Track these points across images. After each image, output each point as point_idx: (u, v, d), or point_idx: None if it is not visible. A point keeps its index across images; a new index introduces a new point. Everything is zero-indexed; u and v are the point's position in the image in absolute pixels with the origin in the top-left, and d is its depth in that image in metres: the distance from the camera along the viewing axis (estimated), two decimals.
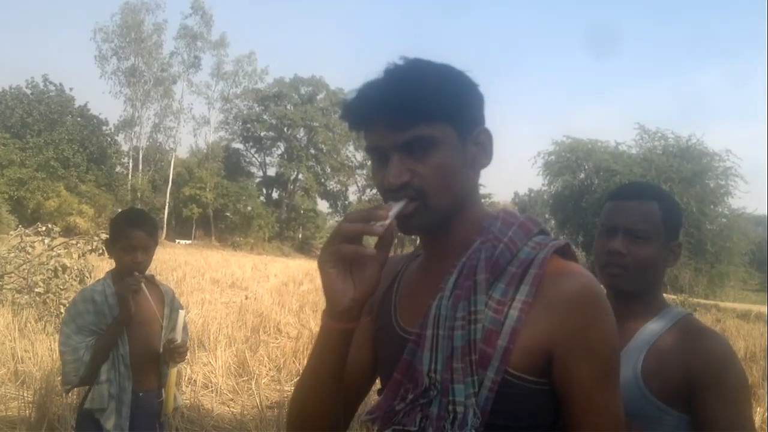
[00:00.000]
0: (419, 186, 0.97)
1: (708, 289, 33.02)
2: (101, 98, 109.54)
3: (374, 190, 48.59)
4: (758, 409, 5.96)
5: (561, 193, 37.14)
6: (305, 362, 4.69)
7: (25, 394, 4.93)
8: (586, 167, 36.64)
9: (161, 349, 2.68)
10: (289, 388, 6.03)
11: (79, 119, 45.67)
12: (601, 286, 1.00)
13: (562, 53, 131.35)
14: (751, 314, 18.39)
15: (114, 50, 49.25)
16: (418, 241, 1.17)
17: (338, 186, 60.59)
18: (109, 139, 48.61)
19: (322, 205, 60.36)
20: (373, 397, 1.10)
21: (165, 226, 47.08)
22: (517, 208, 61.83)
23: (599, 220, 1.57)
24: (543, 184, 40.08)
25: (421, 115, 0.96)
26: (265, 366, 6.83)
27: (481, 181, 1.08)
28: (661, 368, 1.38)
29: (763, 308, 20.69)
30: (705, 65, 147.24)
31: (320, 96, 57.61)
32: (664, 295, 1.58)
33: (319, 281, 1.16)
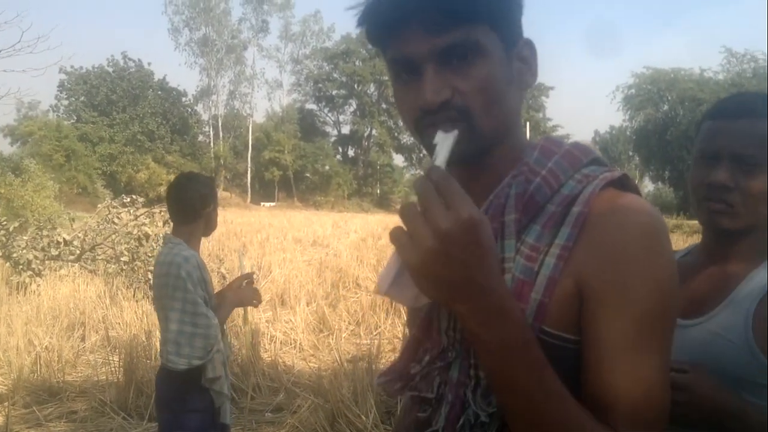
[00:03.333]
0: (462, 105, 0.78)
1: None
2: (178, 70, 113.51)
3: None
4: None
5: (644, 128, 35.41)
6: (383, 316, 4.66)
7: (115, 359, 5.19)
8: (670, 98, 34.66)
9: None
10: (367, 341, 6.05)
11: (159, 92, 47.64)
12: (664, 221, 0.78)
13: None
14: None
15: (185, 21, 50.77)
16: None
17: (412, 139, 60.02)
18: (189, 110, 50.57)
19: (398, 159, 60.41)
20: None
21: (249, 189, 48.68)
22: (597, 148, 59.28)
23: (696, 143, 1.27)
24: (624, 120, 38.33)
25: (464, 14, 0.76)
26: (345, 321, 6.88)
27: (559, 120, 0.89)
28: None
29: None
30: None
31: None
32: None
33: None
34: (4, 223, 8.78)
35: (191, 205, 2.63)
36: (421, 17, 0.77)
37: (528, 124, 44.11)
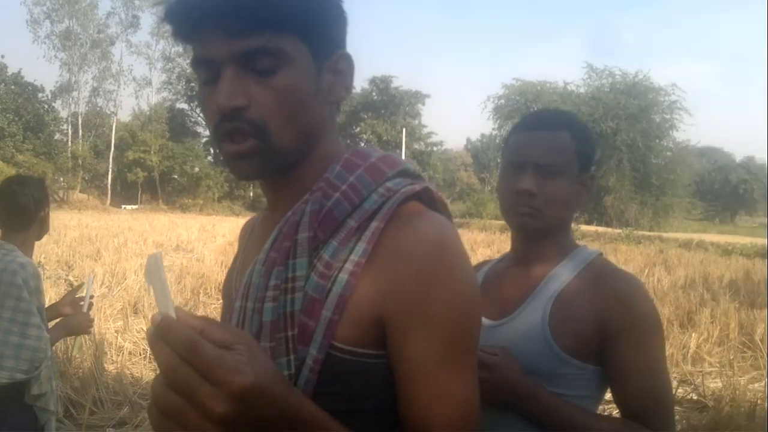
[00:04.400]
0: (258, 117, 0.75)
1: (653, 221, 34.19)
2: (35, 64, 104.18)
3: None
4: (693, 335, 6.10)
5: None
6: None
7: None
8: (535, 109, 36.81)
9: None
10: None
11: (12, 87, 43.50)
12: (456, 235, 0.79)
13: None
14: (693, 243, 18.91)
15: (46, 13, 46.68)
16: None
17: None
18: (46, 106, 46.51)
19: None
20: None
21: (109, 191, 45.81)
22: (469, 155, 62.45)
23: (504, 155, 1.39)
24: (493, 129, 40.46)
25: (268, 19, 0.74)
26: None
27: (433, 128, 0.86)
28: (571, 318, 1.23)
29: (704, 236, 21.37)
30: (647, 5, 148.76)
31: None
32: (611, 229, 1.38)
33: None
34: None
35: (26, 211, 2.44)
36: (222, 19, 0.74)
37: (404, 130, 45.26)
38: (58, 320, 2.58)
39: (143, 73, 75.36)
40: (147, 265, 0.61)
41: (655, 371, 1.20)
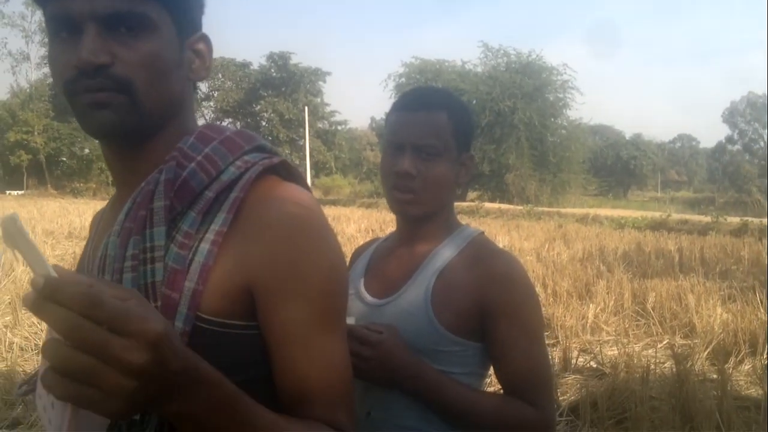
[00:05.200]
0: (124, 75, 0.75)
1: (552, 197, 35.86)
2: None
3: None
4: (591, 306, 6.44)
5: None
6: None
7: None
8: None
9: None
10: None
11: None
12: (318, 206, 0.83)
13: None
14: (589, 217, 20.01)
15: None
16: None
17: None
18: None
19: None
20: None
21: None
22: (375, 134, 62.66)
23: (384, 135, 1.38)
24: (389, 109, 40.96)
25: None
26: None
27: (336, 107, 0.84)
28: (451, 295, 1.25)
29: (599, 211, 22.64)
30: None
31: None
32: (513, 206, 1.38)
33: None
34: None
35: None
36: None
37: (306, 108, 44.67)
38: None
39: (19, 47, 69.75)
40: (4, 231, 0.54)
41: (534, 348, 1.24)
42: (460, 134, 1.32)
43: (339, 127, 53.70)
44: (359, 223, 15.80)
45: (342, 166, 56.13)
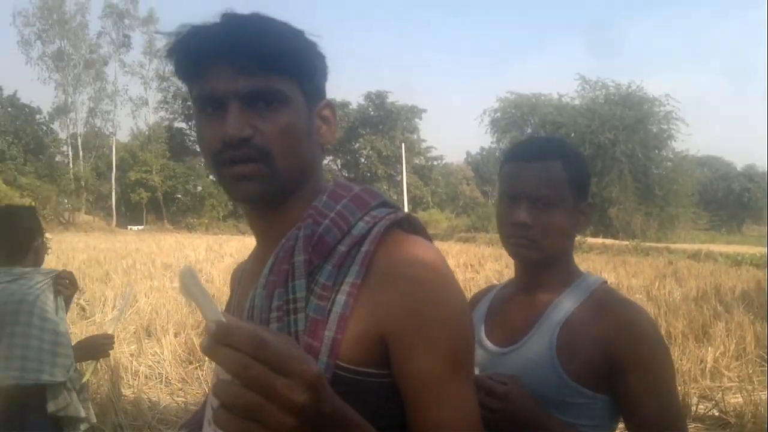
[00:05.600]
0: (263, 145, 0.83)
1: (659, 232, 34.05)
2: (30, 85, 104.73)
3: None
4: (710, 349, 6.06)
5: None
6: None
7: None
8: (532, 122, 37.40)
9: None
10: None
11: (9, 109, 43.86)
12: (442, 256, 0.86)
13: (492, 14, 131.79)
14: (701, 253, 18.83)
15: (37, 34, 47.21)
16: None
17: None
18: (44, 128, 46.92)
19: None
20: None
21: (114, 212, 45.89)
22: (470, 168, 62.51)
23: (498, 184, 1.39)
24: (492, 142, 40.67)
25: (273, 63, 0.82)
26: None
27: (432, 142, 0.95)
28: (577, 346, 1.23)
29: (712, 247, 21.25)
30: (639, 15, 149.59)
31: None
32: (618, 241, 1.38)
33: None
34: None
35: (17, 242, 2.41)
36: (231, 58, 0.81)
37: (403, 145, 45.38)
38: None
39: (139, 93, 75.72)
40: (181, 280, 0.61)
41: (666, 398, 1.20)
42: (576, 183, 1.31)
43: (435, 162, 54.16)
44: (457, 258, 15.69)
45: (439, 200, 56.21)
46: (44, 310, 2.28)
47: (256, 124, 0.82)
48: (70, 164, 47.60)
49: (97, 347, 2.51)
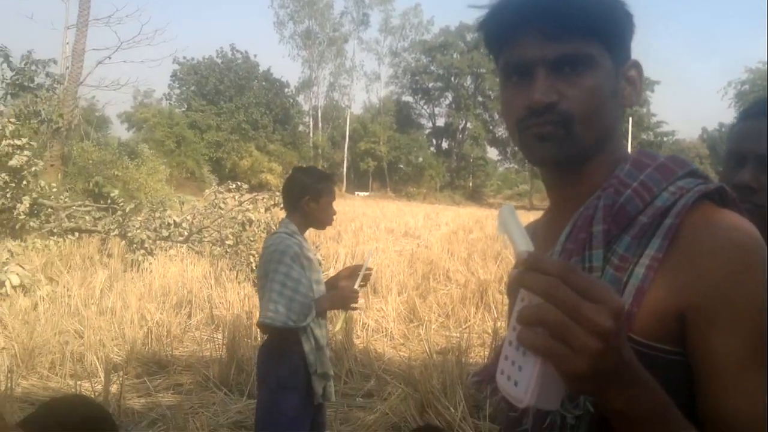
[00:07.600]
0: (566, 110, 0.81)
1: None
2: (282, 62, 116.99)
3: None
4: None
5: None
6: (473, 310, 4.58)
7: (218, 337, 5.50)
8: None
9: None
10: (456, 334, 6.07)
11: (264, 83, 49.60)
12: (759, 234, 0.77)
13: None
14: None
15: (290, 15, 52.69)
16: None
17: (507, 132, 58.75)
18: (291, 101, 52.27)
19: (492, 153, 59.47)
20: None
21: (344, 179, 49.65)
22: (705, 145, 55.89)
23: (726, 146, 1.26)
24: (734, 117, 36.26)
25: (581, 27, 0.81)
26: (434, 312, 6.93)
27: (663, 116, 0.93)
28: None
29: None
30: None
31: None
32: None
33: (488, 229, 0.94)
34: (121, 204, 9.47)
35: (289, 196, 2.75)
36: (540, 25, 0.81)
37: (631, 119, 42.18)
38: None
39: (373, 68, 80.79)
40: (500, 216, 0.66)
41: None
42: None
43: (665, 138, 49.50)
44: None
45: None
46: (290, 267, 2.55)
47: (561, 89, 0.81)
48: (311, 134, 52.75)
49: (345, 299, 2.73)
